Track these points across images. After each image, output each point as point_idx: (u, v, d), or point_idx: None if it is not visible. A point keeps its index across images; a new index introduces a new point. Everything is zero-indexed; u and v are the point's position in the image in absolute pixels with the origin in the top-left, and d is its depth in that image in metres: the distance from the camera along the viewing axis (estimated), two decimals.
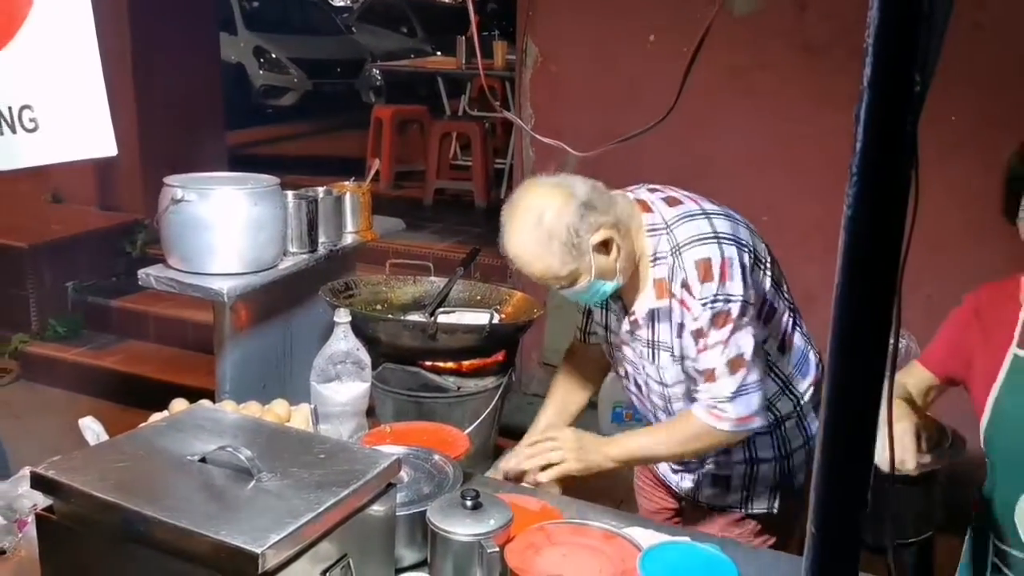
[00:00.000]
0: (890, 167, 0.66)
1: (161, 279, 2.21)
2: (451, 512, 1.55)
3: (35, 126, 1.22)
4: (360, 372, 1.98)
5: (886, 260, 0.68)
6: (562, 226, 1.75)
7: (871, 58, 0.63)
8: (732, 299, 1.78)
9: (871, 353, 0.74)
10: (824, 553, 0.84)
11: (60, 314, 5.12)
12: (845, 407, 0.78)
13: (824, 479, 0.81)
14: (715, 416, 1.83)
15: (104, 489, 1.32)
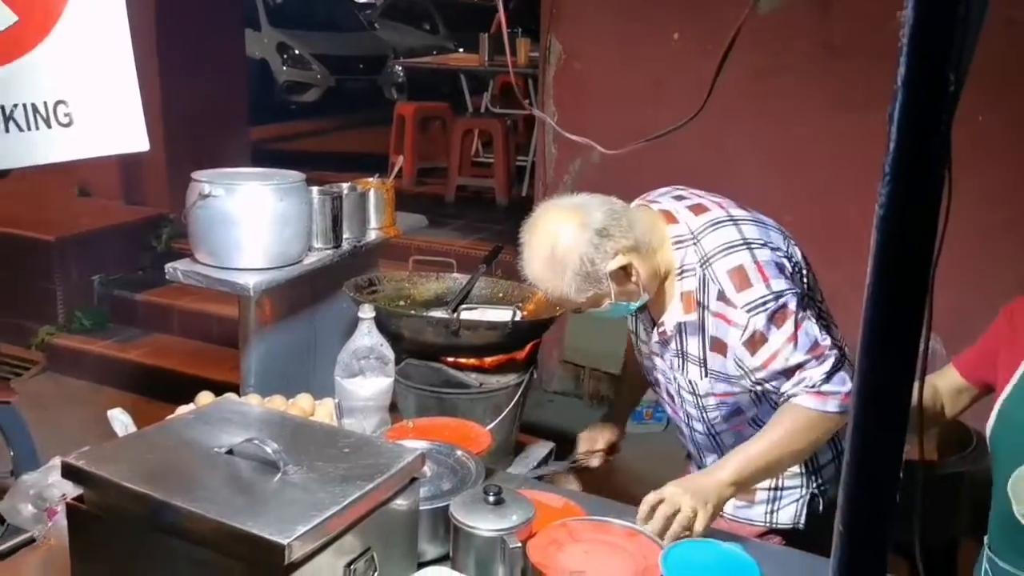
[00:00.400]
0: (924, 167, 0.66)
1: (188, 273, 2.23)
2: (474, 507, 1.56)
3: (69, 121, 1.24)
4: (384, 367, 2.00)
5: (918, 261, 0.68)
6: (575, 257, 1.74)
7: (905, 57, 0.63)
8: (783, 295, 1.73)
9: (901, 354, 0.74)
10: (852, 553, 0.84)
11: (86, 307, 5.17)
12: (875, 408, 0.78)
13: (853, 480, 0.80)
14: (820, 398, 1.73)
15: (133, 479, 1.34)
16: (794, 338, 1.73)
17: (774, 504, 1.97)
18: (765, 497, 1.98)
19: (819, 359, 1.74)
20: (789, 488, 1.96)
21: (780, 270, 1.77)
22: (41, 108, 1.21)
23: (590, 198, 1.81)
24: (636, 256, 1.78)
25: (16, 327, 5.09)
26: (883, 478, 0.81)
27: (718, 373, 1.85)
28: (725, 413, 1.93)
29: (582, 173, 4.53)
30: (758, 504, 1.99)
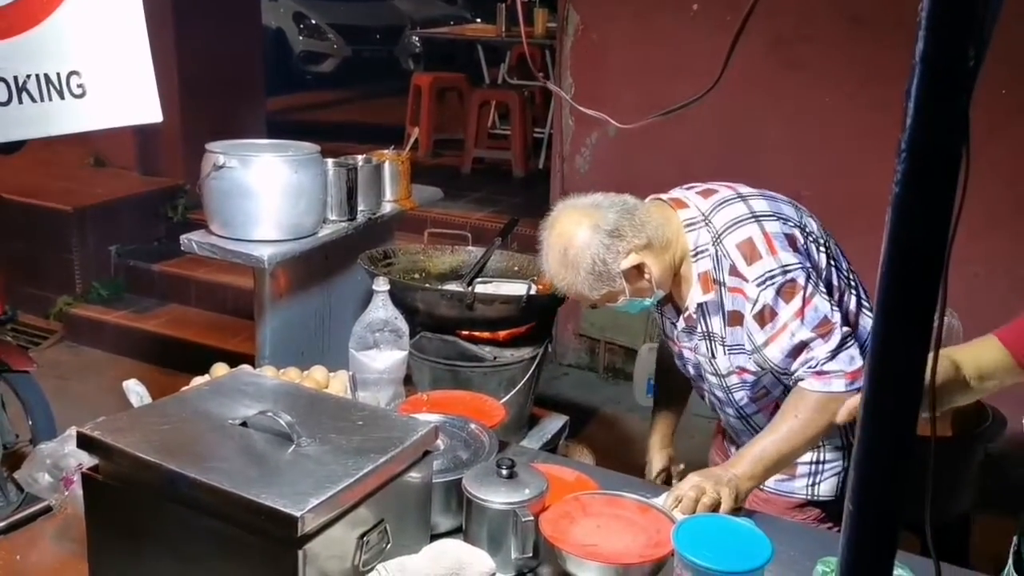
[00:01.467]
0: (941, 145, 0.64)
1: (203, 244, 2.23)
2: (487, 480, 1.57)
3: (83, 92, 1.24)
4: (398, 340, 2.00)
5: (933, 241, 0.66)
6: (588, 257, 1.79)
7: (923, 31, 0.61)
8: (790, 269, 1.75)
9: (916, 331, 0.73)
10: (862, 529, 0.83)
11: (103, 277, 5.20)
12: (888, 384, 0.77)
13: (864, 456, 0.80)
14: (824, 379, 1.75)
15: (148, 450, 1.35)
16: (801, 313, 1.74)
17: (816, 477, 1.99)
18: (807, 471, 1.99)
19: (825, 337, 1.74)
20: (830, 462, 1.98)
21: (791, 242, 1.78)
22: (54, 79, 1.20)
23: (603, 198, 1.85)
24: (649, 254, 1.81)
25: (34, 297, 5.13)
26: (894, 456, 0.80)
27: (735, 347, 1.86)
28: (751, 394, 1.93)
29: (599, 146, 4.50)
30: (799, 478, 2.00)
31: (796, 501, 2.01)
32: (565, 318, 4.76)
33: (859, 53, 3.78)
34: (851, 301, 1.92)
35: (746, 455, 1.80)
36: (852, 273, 1.96)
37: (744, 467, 1.77)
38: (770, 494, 2.02)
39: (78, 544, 1.48)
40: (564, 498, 1.62)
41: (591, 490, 1.70)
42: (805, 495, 2.00)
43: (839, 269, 1.91)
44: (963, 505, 2.64)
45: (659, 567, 1.49)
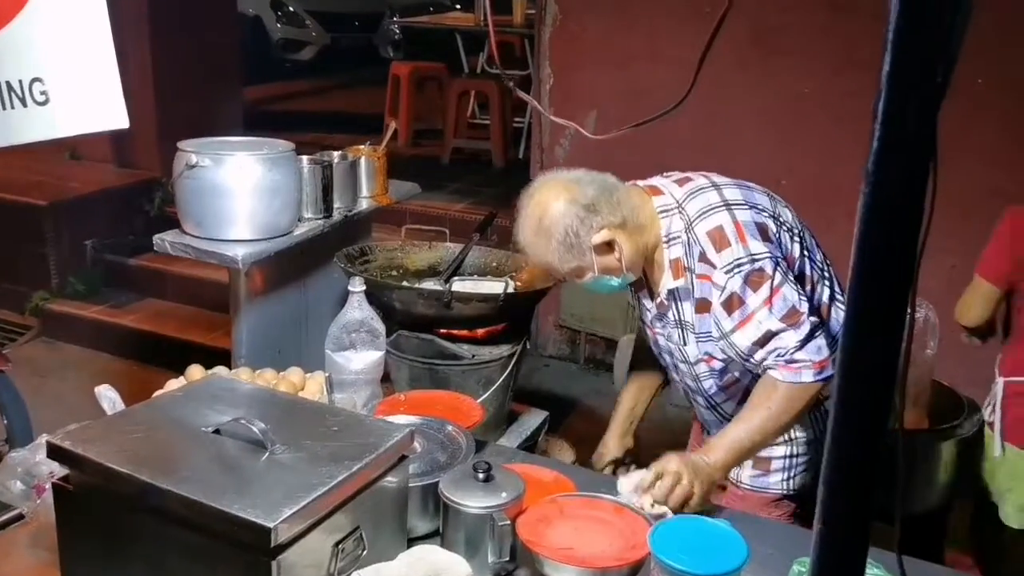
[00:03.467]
0: (909, 166, 0.64)
1: (176, 245, 2.21)
2: (463, 484, 1.56)
3: (46, 99, 1.21)
4: (374, 341, 1.98)
5: (900, 262, 0.66)
6: (561, 228, 1.80)
7: (890, 51, 0.60)
8: (758, 257, 1.76)
9: (886, 330, 0.72)
10: (834, 531, 0.83)
11: (80, 272, 5.14)
12: (859, 380, 0.76)
13: (835, 449, 0.79)
14: (793, 370, 1.76)
15: (119, 460, 1.33)
16: (770, 302, 1.75)
17: (790, 472, 2.00)
18: (781, 465, 2.00)
19: (794, 327, 1.75)
20: (803, 455, 1.99)
21: (762, 232, 1.79)
22: (16, 86, 1.17)
23: (585, 174, 1.86)
24: (622, 233, 1.82)
25: (10, 293, 5.08)
26: (865, 449, 0.79)
27: (704, 335, 1.87)
28: (719, 382, 1.95)
29: (578, 136, 4.48)
30: (774, 472, 2.01)
31: (772, 496, 2.02)
32: (545, 310, 4.75)
33: (838, 40, 3.77)
34: (824, 292, 1.93)
35: (720, 444, 1.81)
36: (827, 264, 1.97)
37: (719, 456, 1.78)
38: (746, 491, 2.03)
39: (51, 553, 1.46)
40: (541, 501, 1.61)
41: (568, 492, 1.69)
42: (780, 490, 2.01)
43: (812, 260, 1.91)
44: (939, 496, 2.66)
45: (636, 570, 1.49)
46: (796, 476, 2.00)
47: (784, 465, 2.00)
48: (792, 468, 2.00)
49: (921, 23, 0.61)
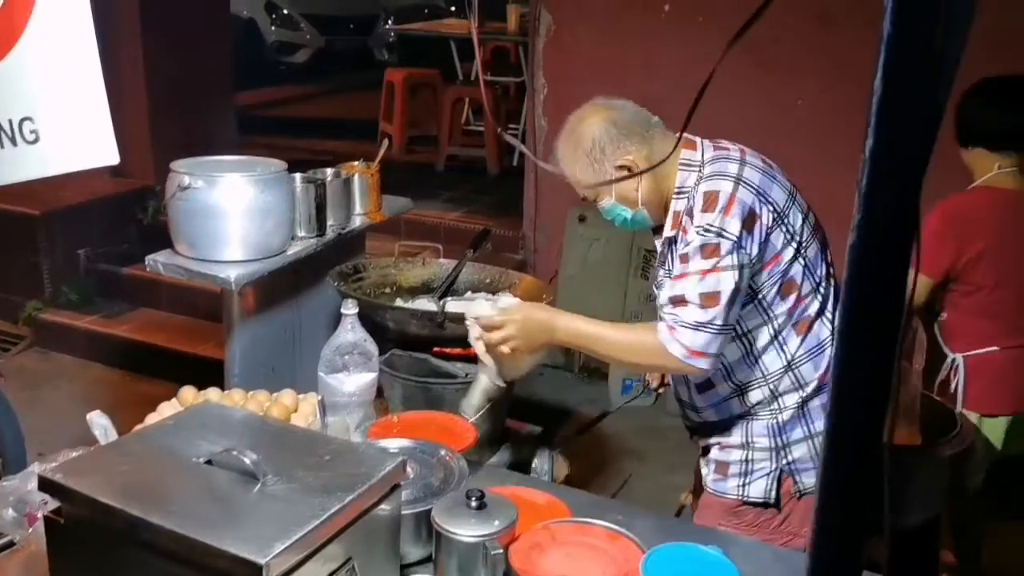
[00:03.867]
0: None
1: (169, 266, 2.21)
2: (456, 512, 1.55)
3: (36, 138, 1.21)
4: (367, 363, 1.98)
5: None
6: (589, 139, 1.91)
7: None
8: (725, 235, 1.81)
9: (880, 339, 0.72)
10: (827, 549, 0.84)
11: (73, 281, 5.13)
12: (852, 400, 0.76)
13: (830, 459, 0.80)
14: (672, 335, 1.84)
15: (109, 494, 1.32)
16: (704, 275, 1.81)
17: (746, 478, 2.02)
18: (738, 470, 2.03)
19: (704, 308, 1.82)
20: (760, 462, 2.01)
21: (747, 218, 1.83)
22: (6, 126, 1.17)
23: (632, 105, 1.97)
24: (643, 165, 1.91)
25: (3, 302, 5.07)
26: (860, 460, 0.80)
27: None
28: None
29: None
30: (731, 477, 2.04)
31: (730, 503, 2.05)
32: None
33: (829, 53, 3.79)
34: (812, 307, 1.95)
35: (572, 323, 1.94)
36: (830, 282, 1.98)
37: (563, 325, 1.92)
38: (709, 496, 2.08)
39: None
40: (534, 527, 1.61)
41: (561, 516, 1.69)
42: (737, 495, 2.04)
43: (810, 272, 1.93)
44: (932, 510, 2.66)
45: None
46: (751, 483, 2.02)
47: (740, 470, 2.03)
48: (748, 474, 2.02)
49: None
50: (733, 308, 1.83)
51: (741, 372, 1.98)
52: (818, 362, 1.96)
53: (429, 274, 2.62)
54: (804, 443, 1.99)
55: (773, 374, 1.96)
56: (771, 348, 1.94)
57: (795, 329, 1.94)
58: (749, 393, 1.99)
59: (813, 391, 1.97)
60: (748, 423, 2.01)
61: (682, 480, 3.56)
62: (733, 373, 1.98)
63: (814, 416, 1.98)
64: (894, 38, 0.57)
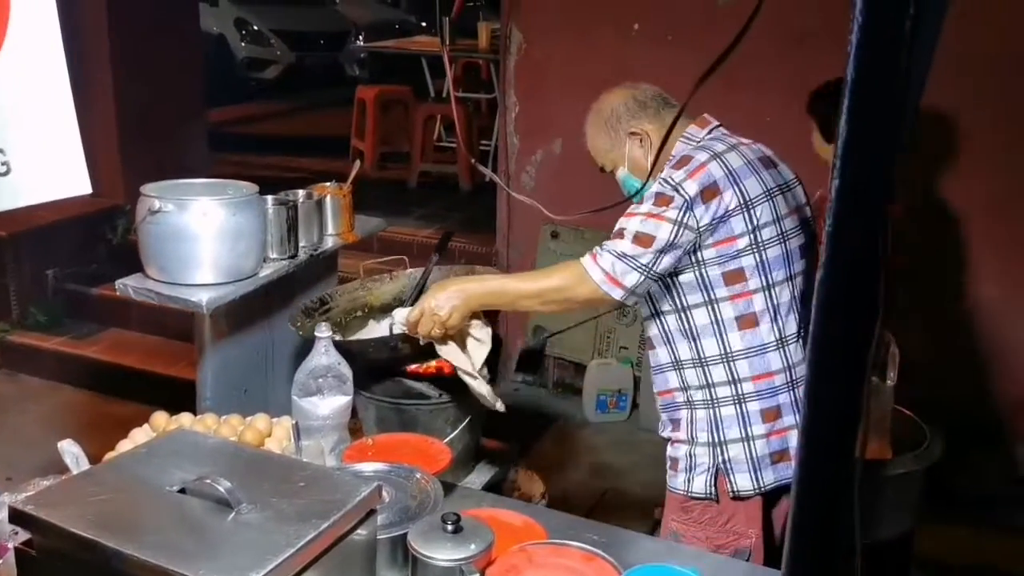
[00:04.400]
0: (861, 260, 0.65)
1: (139, 290, 2.19)
2: (432, 536, 1.55)
3: (7, 170, 1.20)
4: (341, 386, 1.98)
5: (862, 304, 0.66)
6: (608, 107, 2.10)
7: (838, 189, 0.61)
8: (681, 191, 1.90)
9: (852, 358, 0.74)
10: (801, 567, 0.84)
11: (40, 302, 5.06)
12: (824, 418, 0.77)
13: (804, 476, 0.80)
14: (595, 260, 1.93)
15: (81, 525, 1.31)
16: (648, 216, 1.91)
17: (690, 473, 2.08)
18: (684, 465, 2.09)
19: (635, 243, 1.90)
20: (700, 457, 2.07)
21: (707, 189, 1.91)
22: None
23: (653, 88, 2.13)
24: (656, 137, 2.05)
25: None
26: (831, 487, 0.81)
27: None
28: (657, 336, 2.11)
29: (544, 163, 4.50)
30: (680, 472, 2.10)
31: (679, 498, 2.11)
32: (513, 334, 4.76)
33: (797, 70, 3.83)
34: (757, 304, 2.00)
35: (490, 282, 2.08)
36: (789, 290, 2.02)
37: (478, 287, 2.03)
38: (667, 493, 2.15)
39: None
40: (510, 550, 1.61)
41: (538, 538, 1.69)
42: (684, 490, 2.09)
43: (764, 270, 1.98)
44: (904, 524, 2.70)
45: None
46: (695, 478, 2.07)
47: (686, 465, 2.09)
48: (691, 469, 2.08)
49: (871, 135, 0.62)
50: (663, 258, 1.91)
51: (680, 344, 2.06)
52: (755, 363, 2.01)
53: (399, 287, 2.61)
54: (740, 444, 2.04)
55: (709, 359, 2.02)
56: (710, 333, 2.01)
57: (737, 322, 2.00)
58: (685, 371, 2.06)
59: (751, 392, 2.02)
60: (691, 413, 2.07)
61: (657, 495, 3.58)
62: (672, 341, 2.07)
63: (752, 420, 2.03)
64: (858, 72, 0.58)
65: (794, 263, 2.03)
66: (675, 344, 2.07)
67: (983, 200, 3.65)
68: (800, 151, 3.76)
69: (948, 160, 3.68)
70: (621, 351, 4.50)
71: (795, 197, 2.08)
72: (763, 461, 2.01)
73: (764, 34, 3.87)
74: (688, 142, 2.05)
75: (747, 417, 2.03)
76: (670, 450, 2.14)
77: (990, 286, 3.74)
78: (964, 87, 3.28)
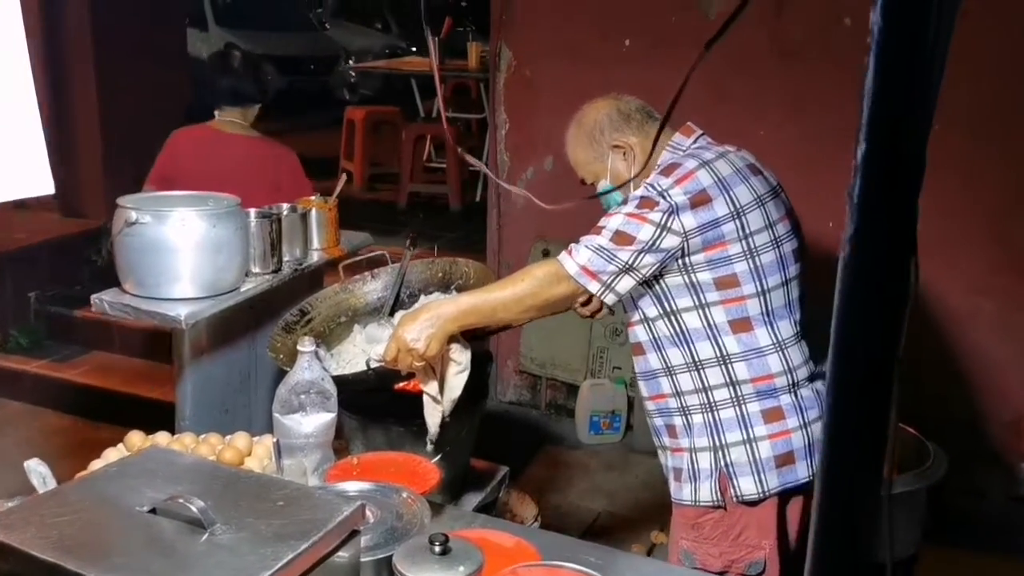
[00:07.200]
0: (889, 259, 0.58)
1: (115, 305, 2.11)
2: (419, 558, 1.47)
3: None
4: (325, 402, 1.89)
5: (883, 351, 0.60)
6: (591, 119, 2.07)
7: (865, 132, 0.55)
8: (667, 197, 1.87)
9: (873, 391, 0.67)
10: None
11: (22, 325, 4.98)
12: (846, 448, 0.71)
13: (826, 494, 0.74)
14: (570, 255, 1.90)
15: (45, 548, 1.23)
16: (630, 217, 1.87)
17: (695, 483, 2.02)
18: (688, 475, 2.03)
19: (613, 241, 1.86)
20: (702, 463, 2.01)
21: (696, 196, 1.87)
22: None
23: (637, 100, 2.10)
24: (639, 154, 2.03)
25: None
26: (855, 515, 0.75)
27: None
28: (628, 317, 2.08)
29: (535, 180, 4.46)
30: (685, 483, 2.03)
31: (689, 514, 2.04)
32: (505, 355, 4.68)
33: (788, 86, 3.80)
34: (753, 309, 1.95)
35: (463, 300, 1.95)
36: (785, 295, 1.98)
37: (451, 308, 1.92)
38: (674, 509, 2.08)
39: None
40: (501, 572, 1.53)
41: (530, 560, 1.62)
42: (691, 500, 2.02)
43: (757, 276, 1.94)
44: (909, 546, 2.62)
45: None
46: (700, 486, 2.01)
47: (689, 473, 2.02)
48: (695, 477, 2.01)
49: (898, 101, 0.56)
50: (644, 257, 1.87)
51: (670, 350, 2.00)
52: (754, 364, 1.97)
53: (382, 285, 2.50)
54: (742, 447, 1.98)
55: (704, 362, 1.97)
56: (704, 337, 1.96)
57: (730, 326, 1.96)
58: (678, 376, 2.00)
59: (751, 393, 1.97)
60: (686, 418, 2.01)
61: (654, 518, 3.50)
62: (662, 347, 2.01)
63: (753, 421, 1.97)
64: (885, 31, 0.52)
65: (788, 267, 2.00)
66: (665, 350, 2.01)
67: (983, 217, 3.60)
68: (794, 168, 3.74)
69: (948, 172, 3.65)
70: (614, 371, 4.42)
71: (784, 202, 2.05)
72: (767, 464, 1.95)
73: (756, 49, 3.86)
74: (675, 151, 2.02)
75: (748, 418, 1.97)
76: (671, 460, 2.08)
77: (990, 303, 3.69)
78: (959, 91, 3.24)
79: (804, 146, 3.63)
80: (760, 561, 1.99)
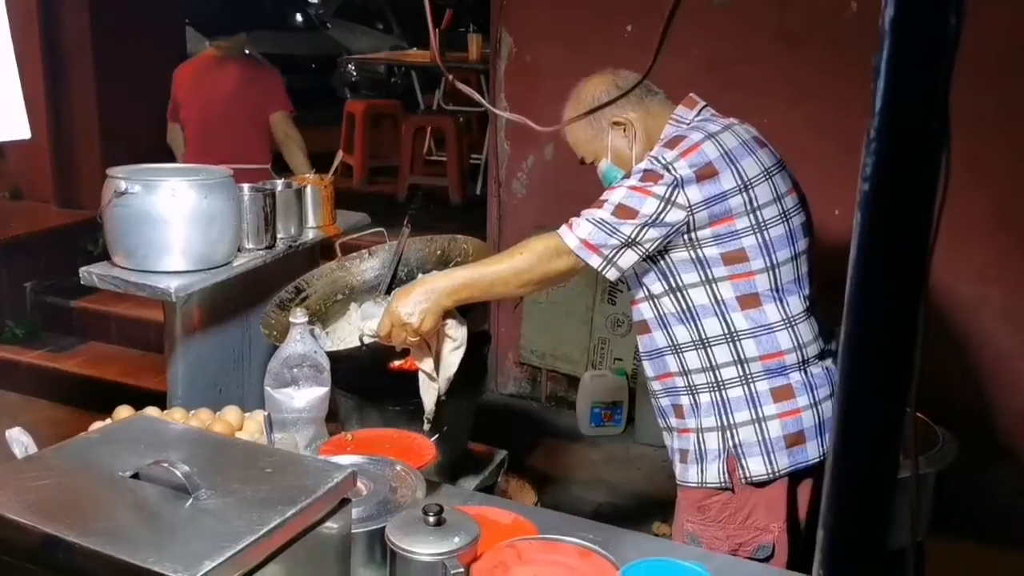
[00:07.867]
0: (917, 129, 0.53)
1: (104, 277, 2.06)
2: (412, 529, 1.42)
3: None
4: (318, 376, 1.84)
5: (911, 244, 0.55)
6: (590, 96, 2.00)
7: None
8: (671, 170, 1.83)
9: (891, 356, 0.62)
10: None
11: (18, 316, 4.94)
12: (862, 430, 0.66)
13: (839, 474, 0.69)
14: (570, 228, 1.85)
15: (19, 510, 1.18)
16: (633, 190, 1.83)
17: (702, 464, 1.97)
18: (694, 457, 1.98)
19: (615, 215, 1.82)
20: (709, 443, 1.96)
21: (703, 169, 1.83)
22: None
23: (634, 75, 2.00)
24: (640, 125, 1.98)
25: None
26: (870, 500, 0.70)
27: None
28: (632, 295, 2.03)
29: (535, 170, 4.41)
30: (691, 464, 1.98)
31: (695, 495, 1.99)
32: (505, 346, 4.64)
33: (793, 72, 3.76)
34: (759, 285, 1.90)
35: (458, 274, 1.91)
36: (795, 270, 1.94)
37: (446, 283, 1.88)
38: (679, 491, 2.03)
39: None
40: (497, 545, 1.48)
41: (528, 535, 1.56)
42: (698, 481, 1.98)
43: (766, 250, 1.89)
44: (917, 532, 2.56)
45: None
46: (707, 467, 1.96)
47: (696, 454, 1.97)
48: (702, 458, 1.96)
49: None
50: (647, 231, 1.82)
51: (676, 327, 1.95)
52: (763, 342, 1.91)
53: (380, 262, 2.45)
54: (751, 426, 1.93)
55: (712, 339, 1.92)
56: (711, 313, 1.91)
57: (739, 302, 1.91)
58: (685, 354, 1.95)
59: (760, 372, 1.92)
60: (693, 397, 1.97)
61: (655, 510, 3.45)
62: (668, 324, 1.96)
63: (763, 400, 1.92)
64: None
65: (797, 241, 1.95)
66: (671, 328, 1.96)
67: (989, 208, 3.55)
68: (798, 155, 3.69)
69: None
70: (616, 362, 4.37)
71: (790, 175, 2.01)
72: (776, 444, 1.89)
73: (759, 36, 3.81)
74: (678, 123, 1.97)
75: (756, 397, 1.91)
76: (676, 441, 2.02)
77: (998, 292, 3.64)
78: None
79: (809, 132, 3.58)
80: (769, 544, 1.93)
